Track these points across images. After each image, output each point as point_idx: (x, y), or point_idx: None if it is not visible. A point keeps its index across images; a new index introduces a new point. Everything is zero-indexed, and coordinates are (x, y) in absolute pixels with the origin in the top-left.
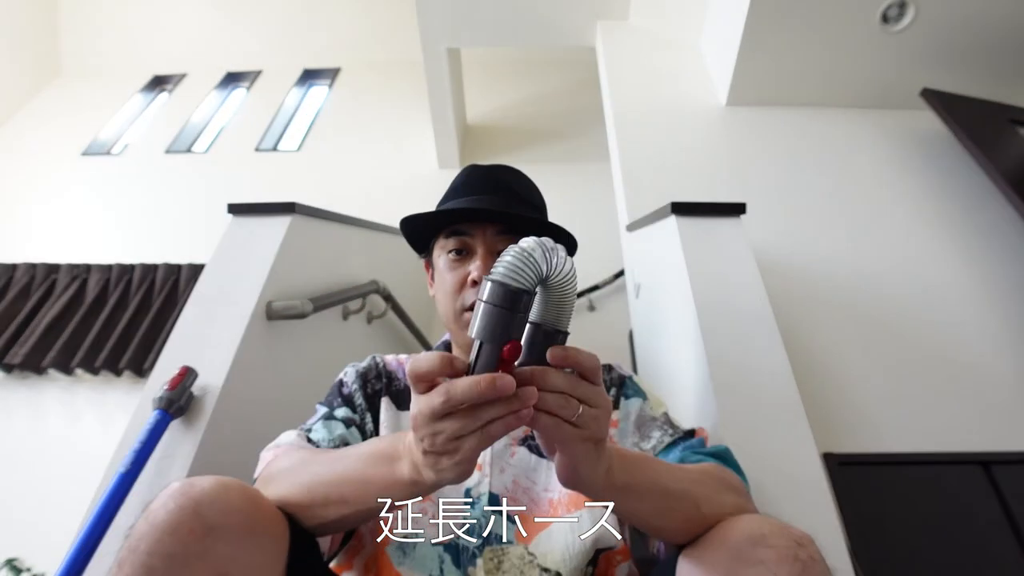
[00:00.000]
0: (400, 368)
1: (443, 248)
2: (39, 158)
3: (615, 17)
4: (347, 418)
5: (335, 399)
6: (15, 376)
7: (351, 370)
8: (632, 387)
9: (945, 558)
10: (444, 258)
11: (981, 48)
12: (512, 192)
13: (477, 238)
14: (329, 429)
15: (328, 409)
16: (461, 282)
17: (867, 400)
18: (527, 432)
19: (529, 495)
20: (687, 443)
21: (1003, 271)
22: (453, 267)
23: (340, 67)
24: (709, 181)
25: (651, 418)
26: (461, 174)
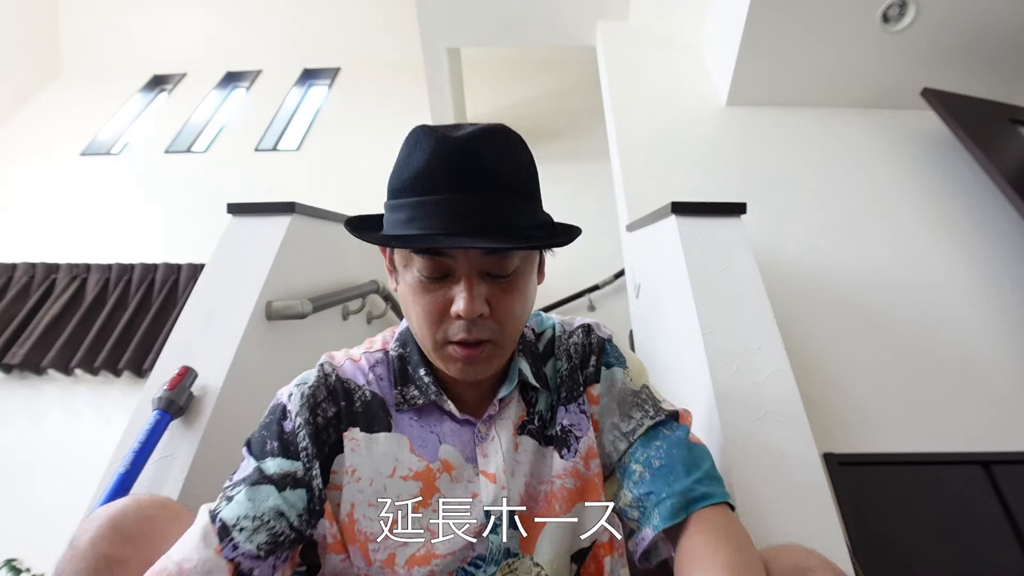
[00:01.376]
0: (360, 373)
1: (409, 262)
2: (39, 158)
3: (615, 17)
4: (283, 475)
5: (270, 440)
6: (14, 376)
7: (296, 394)
8: (613, 353)
9: (945, 558)
10: (413, 275)
11: (981, 48)
12: (497, 181)
13: (460, 260)
14: (255, 501)
15: (256, 463)
16: (441, 310)
17: (867, 400)
18: (522, 416)
19: (529, 492)
20: (673, 435)
21: (1003, 271)
22: (427, 288)
23: (340, 67)
24: (709, 181)
25: (631, 392)
26: (416, 149)
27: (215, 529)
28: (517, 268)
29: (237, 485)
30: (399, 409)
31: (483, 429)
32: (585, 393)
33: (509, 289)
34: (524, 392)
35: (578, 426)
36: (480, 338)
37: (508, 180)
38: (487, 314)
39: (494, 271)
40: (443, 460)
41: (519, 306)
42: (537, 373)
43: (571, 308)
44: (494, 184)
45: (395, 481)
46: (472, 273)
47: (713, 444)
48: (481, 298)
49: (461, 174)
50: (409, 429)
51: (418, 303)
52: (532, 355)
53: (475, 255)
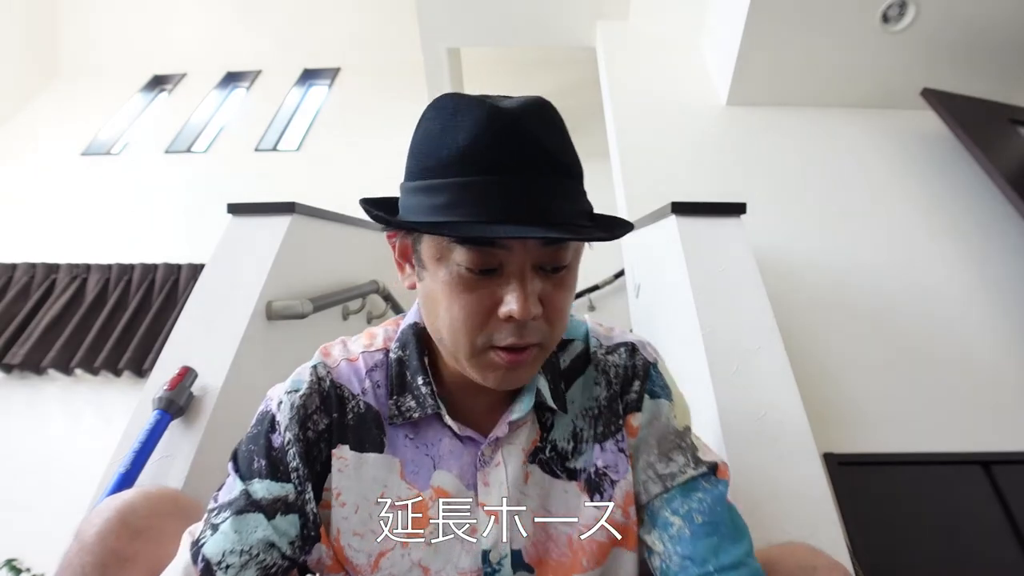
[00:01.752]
0: (355, 378)
1: (447, 252)
2: (39, 158)
3: (615, 17)
4: (272, 500)
5: (258, 458)
6: (15, 376)
7: (286, 403)
8: (659, 381)
9: (945, 558)
10: (454, 269)
11: (981, 48)
12: (555, 161)
13: (516, 252)
14: (242, 535)
15: (243, 485)
16: (486, 312)
17: (867, 400)
18: (535, 441)
19: (547, 532)
20: (715, 491)
21: (1003, 271)
22: (472, 285)
23: (340, 67)
24: (709, 181)
25: (675, 432)
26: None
27: (197, 571)
28: (571, 263)
29: (223, 510)
30: (392, 423)
31: (488, 452)
32: (624, 424)
33: (562, 285)
34: (539, 413)
35: (615, 468)
36: (530, 342)
37: (564, 161)
38: (540, 315)
39: (549, 264)
40: (436, 488)
41: (569, 301)
42: (555, 391)
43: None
44: (553, 166)
45: (382, 508)
46: (527, 267)
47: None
48: (535, 296)
49: (517, 153)
50: (403, 450)
51: (456, 303)
52: (552, 369)
53: (533, 246)
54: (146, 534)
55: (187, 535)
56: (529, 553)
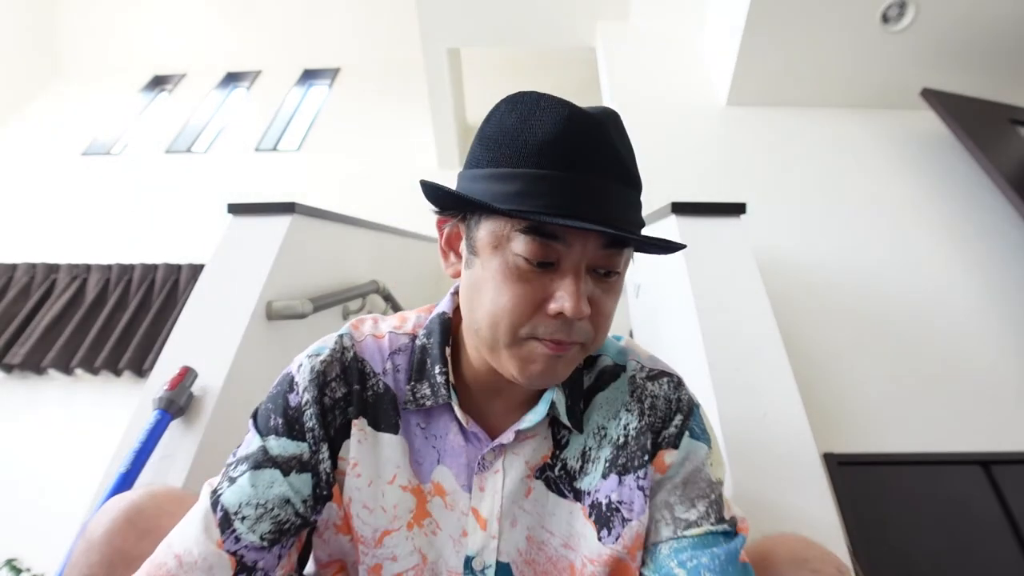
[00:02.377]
0: (379, 356)
1: (506, 241)
2: (39, 158)
3: (615, 17)
4: (288, 458)
5: (275, 416)
6: (15, 376)
7: (306, 366)
8: (699, 424)
9: (945, 558)
10: (511, 258)
11: (981, 48)
12: (625, 170)
13: (575, 249)
14: (257, 488)
15: (261, 441)
16: (536, 304)
17: (867, 400)
18: (546, 457)
19: (545, 553)
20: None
21: (1003, 271)
22: (526, 277)
23: (340, 67)
24: (709, 181)
25: (707, 481)
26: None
27: (216, 519)
28: (621, 271)
29: (240, 463)
30: (407, 408)
31: (489, 457)
32: (653, 459)
33: (611, 290)
34: (555, 429)
35: (630, 505)
36: (576, 340)
37: (633, 172)
38: (588, 315)
39: (604, 267)
40: (435, 483)
41: (615, 307)
42: (572, 409)
43: None
44: (624, 174)
45: (393, 489)
46: (582, 266)
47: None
48: (586, 296)
49: (595, 154)
50: (413, 436)
51: (508, 291)
52: (572, 385)
53: (593, 246)
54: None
55: (207, 485)
56: (522, 571)
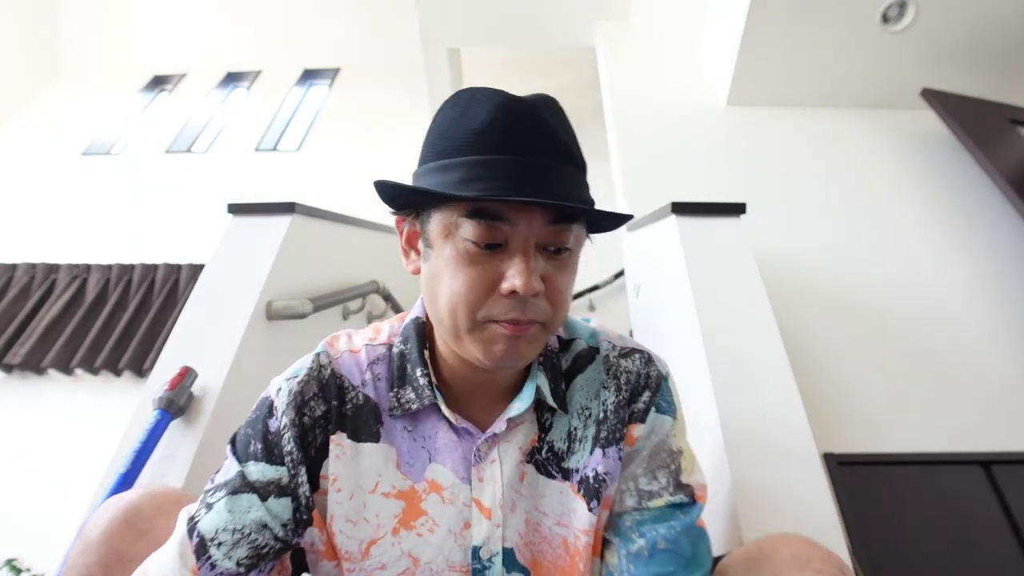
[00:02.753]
0: (357, 369)
1: (455, 228)
2: (39, 158)
3: (615, 17)
4: (266, 483)
5: (254, 441)
6: (15, 376)
7: (284, 389)
8: (667, 397)
9: (945, 558)
10: (460, 244)
11: (981, 48)
12: (562, 147)
13: (520, 228)
14: (235, 515)
15: (239, 467)
16: (489, 286)
17: (867, 400)
18: (534, 441)
19: (540, 533)
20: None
21: (1003, 271)
22: (476, 260)
23: (340, 67)
24: (709, 181)
25: (668, 452)
26: (479, 106)
27: (192, 545)
28: (572, 248)
29: (218, 490)
30: (392, 414)
31: (484, 448)
32: (627, 431)
33: (563, 267)
34: (539, 413)
35: (612, 476)
36: (533, 318)
37: (574, 152)
38: (542, 292)
39: (553, 244)
40: (430, 481)
41: (570, 285)
42: (555, 391)
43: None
44: (563, 154)
45: (376, 498)
46: (531, 244)
47: (713, 444)
48: (537, 273)
49: (530, 136)
50: (399, 441)
51: (460, 276)
52: (553, 368)
53: (538, 224)
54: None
55: (184, 512)
56: (523, 554)
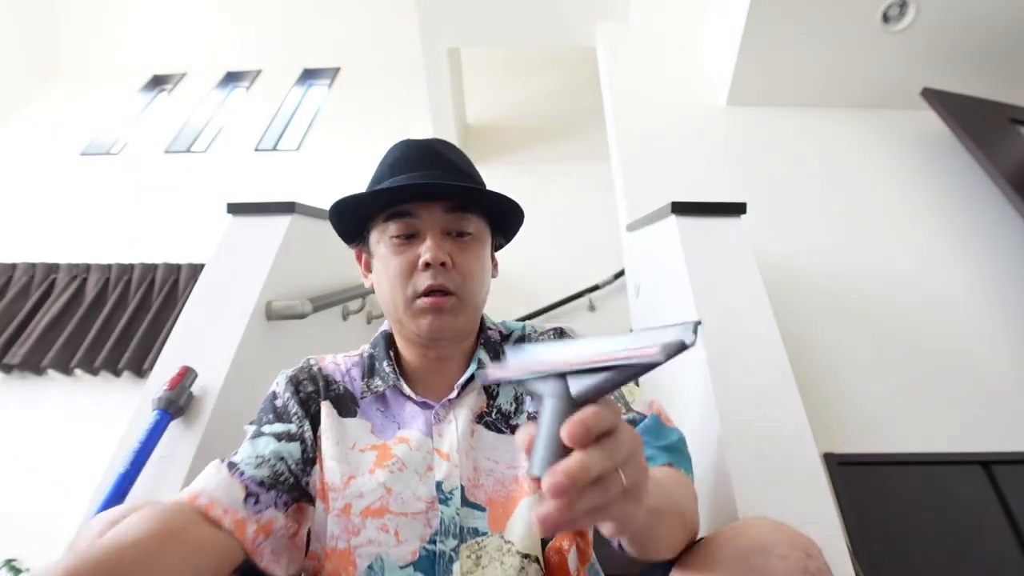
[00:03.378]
0: (338, 371)
1: (383, 232)
2: (39, 158)
3: (615, 17)
4: (279, 433)
5: (265, 415)
6: (14, 376)
7: (281, 378)
8: None
9: (945, 558)
10: (386, 243)
11: (981, 48)
12: (450, 165)
13: (424, 219)
14: (255, 447)
15: (256, 427)
16: (410, 266)
17: (867, 400)
18: (483, 407)
19: (493, 476)
20: (643, 426)
21: (1003, 271)
22: (398, 251)
23: (340, 67)
24: (709, 181)
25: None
26: (392, 151)
27: (224, 465)
28: (473, 234)
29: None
30: (364, 397)
31: (441, 412)
32: None
33: (467, 248)
34: (486, 387)
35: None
36: (445, 286)
37: (462, 167)
38: (450, 265)
39: (455, 229)
40: (399, 437)
41: (476, 266)
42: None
43: (571, 308)
44: (451, 167)
45: (355, 452)
46: (435, 228)
47: (713, 444)
48: (444, 249)
49: (423, 159)
50: (373, 416)
51: (390, 264)
52: (494, 349)
53: (438, 214)
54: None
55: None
56: (476, 495)
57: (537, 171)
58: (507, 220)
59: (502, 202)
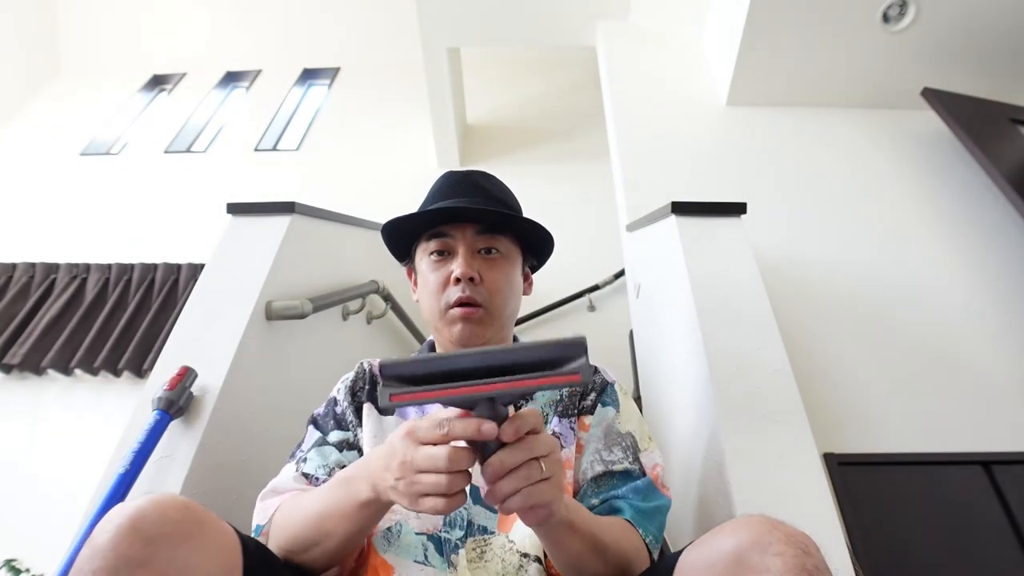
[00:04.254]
0: None
1: (425, 251)
2: (39, 158)
3: (615, 17)
4: (340, 441)
5: (329, 421)
6: (14, 376)
7: (342, 385)
8: (611, 395)
9: (945, 558)
10: (426, 260)
11: (981, 48)
12: (487, 193)
13: (458, 239)
14: (323, 456)
15: (321, 435)
16: (444, 281)
17: (867, 400)
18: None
19: None
20: (634, 485)
21: (1003, 271)
22: (436, 267)
23: (339, 67)
24: (709, 181)
25: (617, 433)
26: (438, 181)
27: (300, 475)
28: (502, 253)
29: (309, 449)
30: None
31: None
32: (578, 419)
33: (495, 265)
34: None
35: (566, 438)
36: (473, 298)
37: (496, 194)
38: (479, 280)
39: (484, 247)
40: None
41: (504, 282)
42: None
43: (571, 308)
44: (486, 194)
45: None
46: (466, 247)
47: (713, 444)
48: (473, 266)
49: (462, 186)
50: (407, 415)
51: (431, 277)
52: None
53: (470, 234)
54: (157, 540)
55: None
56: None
57: (537, 171)
58: (539, 244)
59: (528, 227)
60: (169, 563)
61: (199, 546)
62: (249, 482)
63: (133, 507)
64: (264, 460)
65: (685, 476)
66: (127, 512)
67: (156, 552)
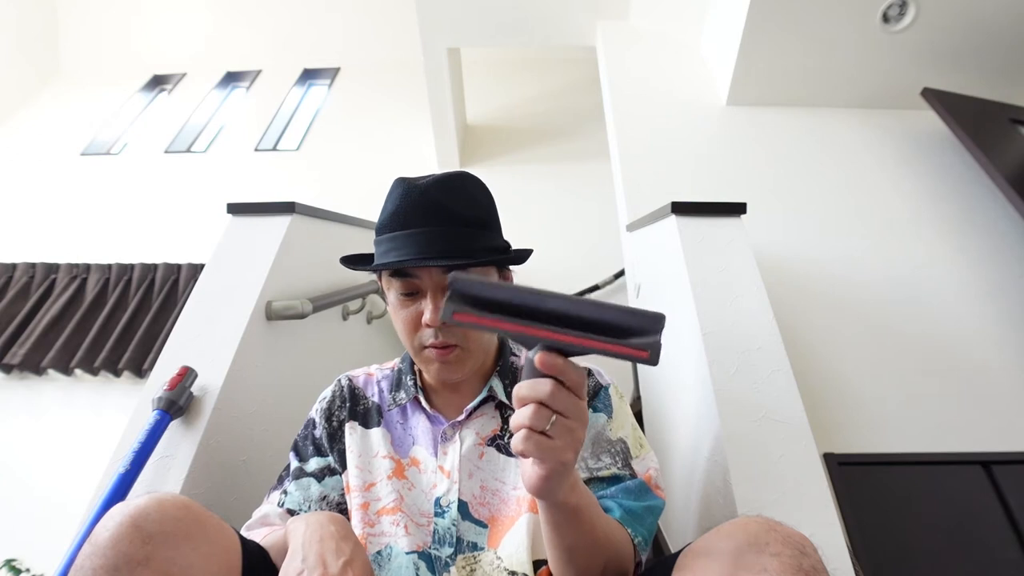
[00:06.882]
0: (369, 383)
1: (389, 285)
2: (39, 158)
3: (615, 17)
4: (319, 470)
5: (308, 446)
6: (14, 376)
7: (319, 407)
8: (603, 400)
9: (945, 558)
10: (393, 296)
11: (981, 48)
12: (450, 214)
13: (424, 279)
14: (303, 489)
15: (299, 464)
16: (415, 322)
17: (867, 400)
18: (495, 431)
19: (499, 496)
20: (625, 485)
21: (1003, 271)
22: (404, 304)
23: (340, 67)
24: (709, 181)
25: (607, 440)
26: (392, 196)
27: (284, 510)
28: None
29: (289, 480)
30: (389, 409)
31: (449, 432)
32: None
33: None
34: (501, 410)
35: None
36: (448, 342)
37: (462, 215)
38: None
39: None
40: (412, 457)
41: None
42: (509, 392)
43: None
44: (450, 219)
45: (377, 459)
46: (434, 288)
47: (713, 444)
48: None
49: (423, 212)
50: (393, 428)
51: (398, 317)
52: (512, 376)
53: (436, 273)
54: (157, 538)
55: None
56: (479, 511)
57: (537, 171)
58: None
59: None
60: (169, 561)
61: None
62: (249, 482)
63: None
64: (264, 460)
65: (686, 476)
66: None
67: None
